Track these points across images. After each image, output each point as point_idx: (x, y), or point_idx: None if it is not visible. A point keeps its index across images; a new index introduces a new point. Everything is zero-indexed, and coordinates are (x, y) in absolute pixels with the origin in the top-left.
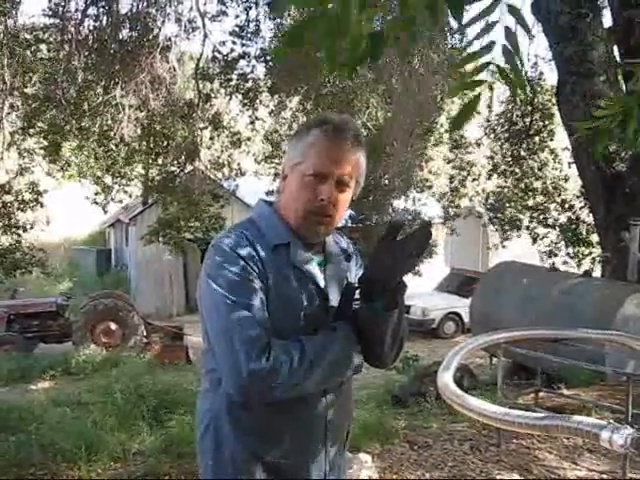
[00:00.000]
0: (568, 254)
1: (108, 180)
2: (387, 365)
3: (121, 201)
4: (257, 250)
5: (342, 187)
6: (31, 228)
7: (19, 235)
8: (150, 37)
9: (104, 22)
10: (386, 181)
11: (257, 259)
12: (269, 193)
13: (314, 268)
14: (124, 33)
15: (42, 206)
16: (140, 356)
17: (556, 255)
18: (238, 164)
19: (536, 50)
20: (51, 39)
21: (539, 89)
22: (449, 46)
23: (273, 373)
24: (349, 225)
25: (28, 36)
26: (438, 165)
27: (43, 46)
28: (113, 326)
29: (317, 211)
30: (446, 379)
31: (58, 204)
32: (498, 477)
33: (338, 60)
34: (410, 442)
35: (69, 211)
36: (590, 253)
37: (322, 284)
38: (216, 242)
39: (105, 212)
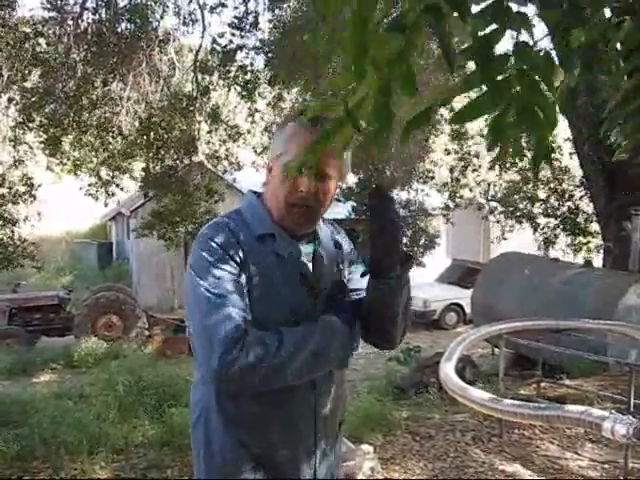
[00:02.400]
0: (565, 243)
1: (106, 174)
2: (396, 344)
3: (114, 194)
4: (240, 240)
5: (323, 178)
6: (24, 221)
7: (11, 229)
8: (149, 29)
9: (103, 15)
10: (388, 172)
11: (239, 249)
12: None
13: (301, 258)
14: (123, 26)
15: (35, 199)
16: (142, 349)
17: (553, 243)
18: (236, 157)
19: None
20: (50, 32)
21: None
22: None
23: (247, 365)
24: (352, 217)
25: (27, 29)
26: (439, 156)
27: (42, 40)
28: (115, 319)
29: (297, 202)
30: (448, 370)
31: (59, 197)
32: (500, 467)
33: None
34: (412, 433)
35: (70, 204)
36: (588, 242)
37: (309, 274)
38: (199, 234)
39: (106, 205)
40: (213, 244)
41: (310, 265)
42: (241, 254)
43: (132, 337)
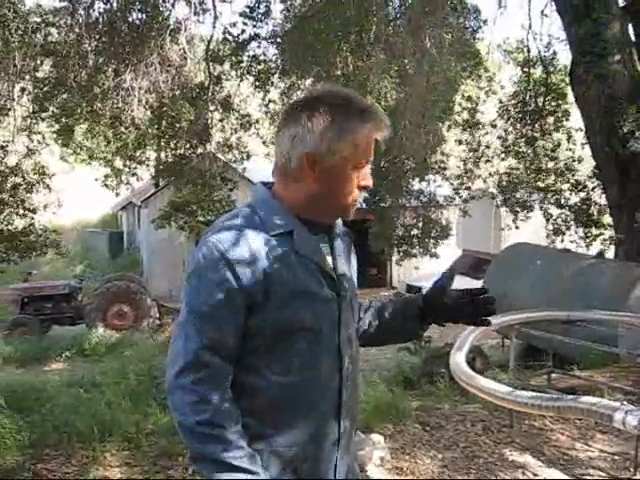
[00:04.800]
0: (577, 233)
1: (119, 163)
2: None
3: (129, 183)
4: (254, 245)
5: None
6: (44, 209)
7: (32, 217)
8: (160, 19)
9: (114, 5)
10: (401, 163)
11: (253, 257)
12: None
13: (320, 253)
14: (134, 16)
15: (49, 188)
16: (153, 338)
17: (563, 234)
18: (245, 147)
19: (549, 29)
20: (61, 22)
21: (552, 69)
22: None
23: (192, 397)
24: (364, 207)
25: (38, 19)
26: (451, 147)
27: (53, 29)
28: (126, 308)
29: (357, 199)
30: (459, 360)
31: (71, 187)
32: (510, 458)
33: None
34: (422, 423)
35: (82, 194)
36: (601, 234)
37: (329, 268)
38: (209, 239)
39: (117, 195)
40: (220, 257)
41: (330, 257)
42: (257, 261)
43: (143, 326)
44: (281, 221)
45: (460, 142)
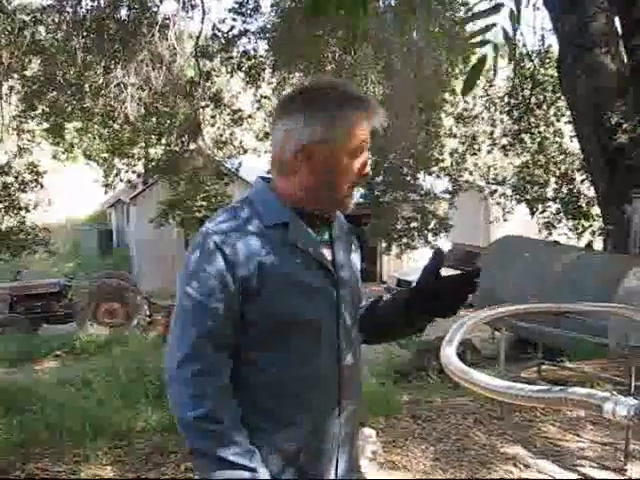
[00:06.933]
0: (567, 227)
1: (114, 161)
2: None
3: (129, 181)
4: (250, 235)
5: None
6: (34, 208)
7: (22, 216)
8: (149, 14)
9: (102, 1)
10: (398, 158)
11: (248, 247)
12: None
13: (318, 246)
14: (122, 12)
15: (42, 187)
16: (144, 335)
17: (555, 227)
18: (240, 142)
19: (542, 22)
20: (49, 20)
21: (547, 61)
22: (450, 19)
23: (190, 390)
24: (361, 203)
25: (25, 17)
26: (443, 140)
27: (41, 27)
28: (116, 306)
29: (358, 183)
30: (449, 353)
31: (60, 185)
32: (501, 450)
33: None
34: (414, 416)
35: (71, 192)
36: (590, 226)
37: (326, 260)
38: (205, 230)
39: (107, 192)
40: (215, 248)
41: (329, 251)
42: (250, 254)
43: (134, 324)
44: (277, 213)
45: (455, 135)
